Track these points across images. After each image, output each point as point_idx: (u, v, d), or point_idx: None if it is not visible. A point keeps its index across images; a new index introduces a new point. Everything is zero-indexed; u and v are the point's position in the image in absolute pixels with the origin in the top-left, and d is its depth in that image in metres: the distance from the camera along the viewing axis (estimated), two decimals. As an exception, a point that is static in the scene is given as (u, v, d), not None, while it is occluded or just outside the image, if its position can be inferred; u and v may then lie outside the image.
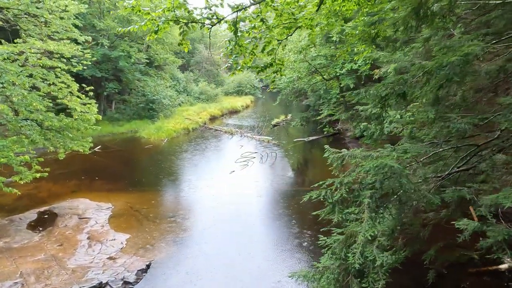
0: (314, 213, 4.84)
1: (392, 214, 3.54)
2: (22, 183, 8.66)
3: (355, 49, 9.36)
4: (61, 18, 12.06)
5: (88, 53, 12.60)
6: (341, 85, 18.70)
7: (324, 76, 18.83)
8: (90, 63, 13.44)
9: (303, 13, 4.88)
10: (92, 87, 11.56)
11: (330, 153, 5.85)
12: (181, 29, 3.92)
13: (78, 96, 11.21)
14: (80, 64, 11.88)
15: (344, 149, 5.90)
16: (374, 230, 3.18)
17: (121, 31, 5.50)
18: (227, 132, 25.15)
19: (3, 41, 10.52)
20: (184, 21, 3.81)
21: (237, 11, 4.01)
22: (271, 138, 22.52)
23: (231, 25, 4.11)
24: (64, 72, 10.82)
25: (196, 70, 45.44)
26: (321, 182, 4.37)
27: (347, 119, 19.57)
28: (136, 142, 22.46)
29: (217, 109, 33.93)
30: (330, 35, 16.73)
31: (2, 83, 9.41)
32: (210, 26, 4.10)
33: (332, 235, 4.64)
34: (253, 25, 4.50)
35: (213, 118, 31.67)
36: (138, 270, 7.67)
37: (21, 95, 9.25)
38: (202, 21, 3.93)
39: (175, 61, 31.16)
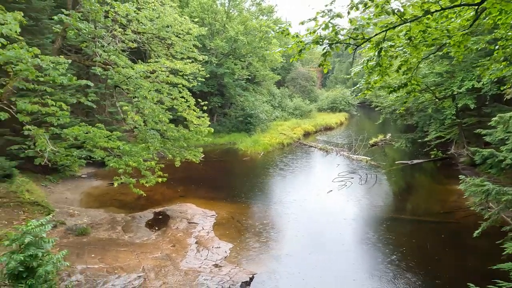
0: (496, 266, 4.15)
1: None
2: (147, 186, 9.73)
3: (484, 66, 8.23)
4: (184, 40, 13.43)
5: (203, 70, 13.79)
6: (458, 105, 16.74)
7: (436, 95, 17.13)
8: (203, 79, 14.72)
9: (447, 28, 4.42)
10: (206, 102, 12.53)
11: (468, 185, 5.13)
12: (324, 50, 3.90)
13: (193, 110, 12.28)
14: (195, 80, 13.07)
15: (487, 182, 5.10)
16: None
17: (266, 53, 5.71)
18: (322, 149, 24.70)
19: (139, 61, 12.16)
20: (329, 42, 3.79)
21: (385, 30, 3.81)
22: (369, 158, 21.30)
23: (374, 45, 3.94)
24: (185, 88, 11.97)
25: (291, 86, 46.18)
26: None
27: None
28: (234, 153, 23.61)
29: (311, 125, 33.72)
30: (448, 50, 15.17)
31: (137, 97, 10.85)
32: (355, 47, 3.99)
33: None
34: (390, 43, 4.25)
35: (306, 134, 31.56)
36: (242, 282, 7.82)
37: (151, 108, 10.50)
38: (347, 42, 3.85)
39: (274, 77, 32.16)
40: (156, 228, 11.01)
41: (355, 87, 5.85)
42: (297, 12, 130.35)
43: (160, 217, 11.97)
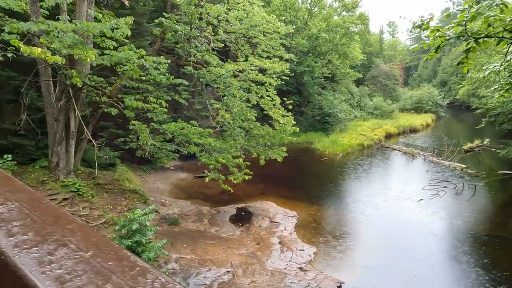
0: None
1: None
2: (235, 182, 9.96)
3: None
4: (271, 38, 13.42)
5: (287, 68, 13.64)
6: None
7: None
8: (287, 78, 14.59)
9: None
10: (292, 101, 12.38)
11: None
12: (468, 46, 3.36)
13: (278, 109, 12.23)
14: (279, 79, 12.98)
15: None
16: None
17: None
18: (408, 153, 22.86)
19: (228, 60, 12.50)
20: (476, 36, 3.25)
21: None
22: (465, 166, 19.05)
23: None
24: (271, 87, 11.96)
25: (371, 84, 43.80)
26: None
27: None
28: (311, 153, 23.16)
29: (393, 127, 31.48)
30: None
31: (226, 95, 11.17)
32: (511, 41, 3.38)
33: None
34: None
35: (388, 136, 29.55)
36: (330, 290, 7.50)
37: (239, 106, 10.70)
38: (500, 35, 3.26)
39: (355, 75, 30.81)
40: (240, 224, 11.23)
41: (497, 86, 5.00)
42: (381, 7, 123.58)
43: (242, 213, 12.20)
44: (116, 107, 9.72)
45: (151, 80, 10.96)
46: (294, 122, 11.98)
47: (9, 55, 8.17)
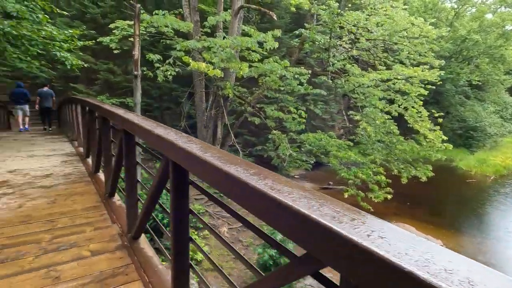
0: None
1: None
2: (376, 201, 9.21)
3: None
4: (419, 43, 12.14)
5: (438, 76, 12.10)
6: None
7: None
8: (434, 87, 12.97)
9: None
10: (442, 113, 10.89)
11: None
12: None
13: (424, 121, 10.90)
14: (424, 89, 11.57)
15: None
16: None
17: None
18: None
19: (369, 69, 11.82)
20: None
21: None
22: None
23: None
24: (418, 98, 10.78)
25: (532, 93, 35.85)
26: None
27: None
28: (451, 172, 20.17)
29: None
30: None
31: (367, 106, 10.51)
32: None
33: None
34: None
35: (559, 158, 23.52)
36: None
37: (382, 118, 9.91)
38: None
39: (512, 82, 25.80)
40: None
41: None
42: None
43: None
44: (259, 117, 10.18)
45: (288, 90, 11.16)
46: (445, 138, 10.47)
47: (177, 69, 9.38)
